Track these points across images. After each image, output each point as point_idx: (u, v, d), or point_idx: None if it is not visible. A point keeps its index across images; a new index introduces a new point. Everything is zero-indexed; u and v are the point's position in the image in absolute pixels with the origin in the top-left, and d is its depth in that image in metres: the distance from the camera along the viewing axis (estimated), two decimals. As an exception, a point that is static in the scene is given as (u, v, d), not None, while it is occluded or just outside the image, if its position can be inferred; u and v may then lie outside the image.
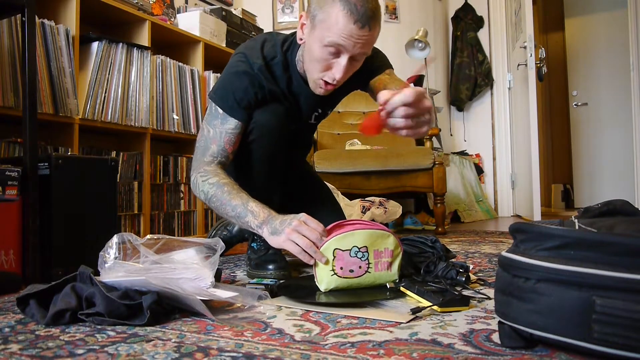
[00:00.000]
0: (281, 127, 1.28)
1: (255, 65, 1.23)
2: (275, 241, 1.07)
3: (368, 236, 1.06)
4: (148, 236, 1.05)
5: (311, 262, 1.05)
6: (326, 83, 1.18)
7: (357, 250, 1.05)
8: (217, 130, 1.23)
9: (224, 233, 1.71)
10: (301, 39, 1.19)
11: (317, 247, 1.03)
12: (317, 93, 1.23)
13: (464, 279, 1.11)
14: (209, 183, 1.17)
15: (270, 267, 1.30)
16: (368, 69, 1.32)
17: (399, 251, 1.09)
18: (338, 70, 1.13)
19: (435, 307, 0.91)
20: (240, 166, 1.31)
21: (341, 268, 1.05)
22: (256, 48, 1.26)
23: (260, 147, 1.27)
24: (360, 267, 1.05)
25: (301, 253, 1.03)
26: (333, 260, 1.04)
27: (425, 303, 0.94)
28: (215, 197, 1.15)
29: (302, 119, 1.39)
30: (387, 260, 1.07)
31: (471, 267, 1.38)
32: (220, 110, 1.23)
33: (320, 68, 1.15)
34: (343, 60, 1.12)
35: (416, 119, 0.96)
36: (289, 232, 1.04)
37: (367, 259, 1.06)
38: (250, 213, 1.11)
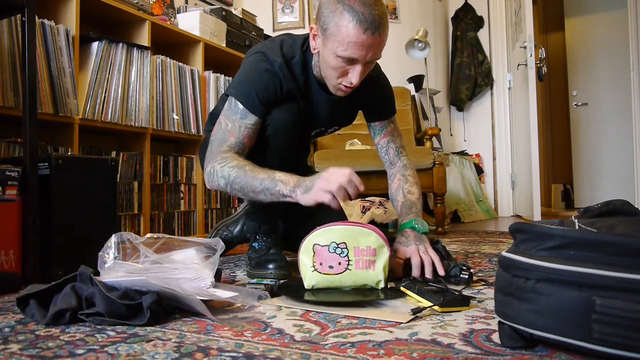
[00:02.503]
0: (294, 126, 1.31)
1: (276, 63, 1.25)
2: (309, 197, 1.09)
3: (347, 232, 1.06)
4: (148, 235, 1.05)
5: (344, 201, 1.08)
6: (345, 86, 1.24)
7: (336, 246, 1.05)
8: (237, 125, 1.24)
9: (225, 233, 1.72)
10: (314, 49, 1.23)
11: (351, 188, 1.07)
12: (338, 95, 1.27)
13: (467, 276, 1.11)
14: (230, 166, 1.18)
15: (271, 266, 1.30)
16: (378, 103, 1.46)
17: (385, 250, 1.07)
18: (354, 76, 1.18)
19: (435, 307, 0.91)
20: (253, 160, 1.31)
21: (320, 264, 1.06)
22: (275, 48, 1.29)
23: (274, 144, 1.29)
24: (339, 263, 1.06)
25: (333, 201, 1.07)
26: (313, 256, 1.06)
27: (425, 303, 0.94)
28: (238, 177, 1.17)
29: (311, 121, 1.41)
30: (368, 258, 1.06)
31: (471, 269, 1.38)
32: (241, 106, 1.24)
33: (337, 75, 1.20)
34: (358, 67, 1.17)
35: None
36: (320, 184, 1.07)
37: (347, 255, 1.06)
38: (280, 182, 1.13)
